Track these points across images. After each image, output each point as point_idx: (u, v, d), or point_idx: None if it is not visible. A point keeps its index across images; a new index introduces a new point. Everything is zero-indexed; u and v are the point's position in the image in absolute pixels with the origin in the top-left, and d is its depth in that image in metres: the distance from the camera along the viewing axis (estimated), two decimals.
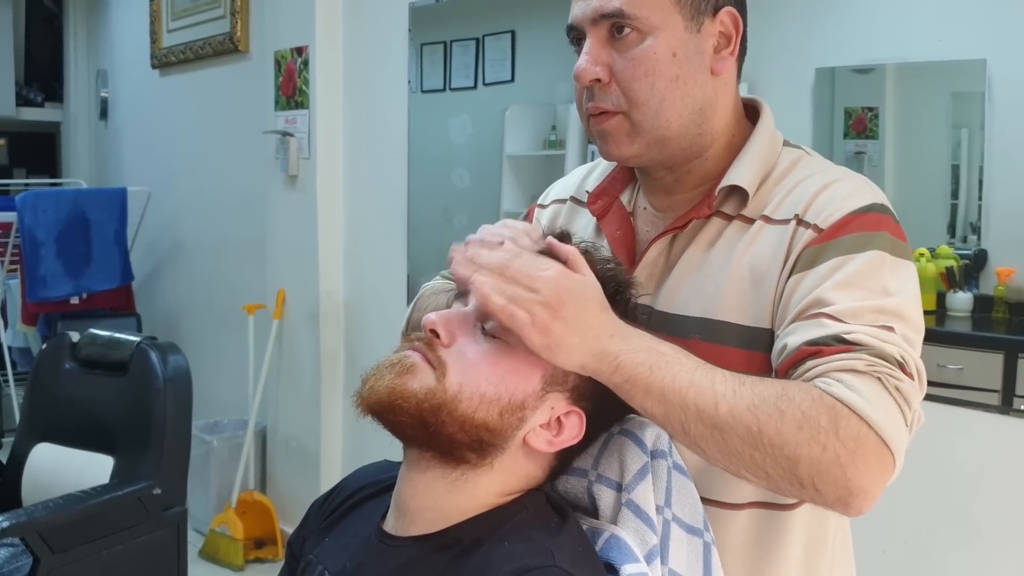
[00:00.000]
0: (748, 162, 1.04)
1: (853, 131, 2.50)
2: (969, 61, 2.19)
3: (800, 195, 1.01)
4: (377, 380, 0.89)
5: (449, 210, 3.32)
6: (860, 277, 0.93)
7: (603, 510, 0.95)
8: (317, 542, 1.02)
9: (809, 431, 0.84)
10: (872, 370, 0.87)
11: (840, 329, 0.89)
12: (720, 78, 1.03)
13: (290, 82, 3.52)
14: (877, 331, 0.89)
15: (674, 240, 1.06)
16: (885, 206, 1.00)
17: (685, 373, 0.88)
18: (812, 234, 0.97)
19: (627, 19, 0.99)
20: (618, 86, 1.01)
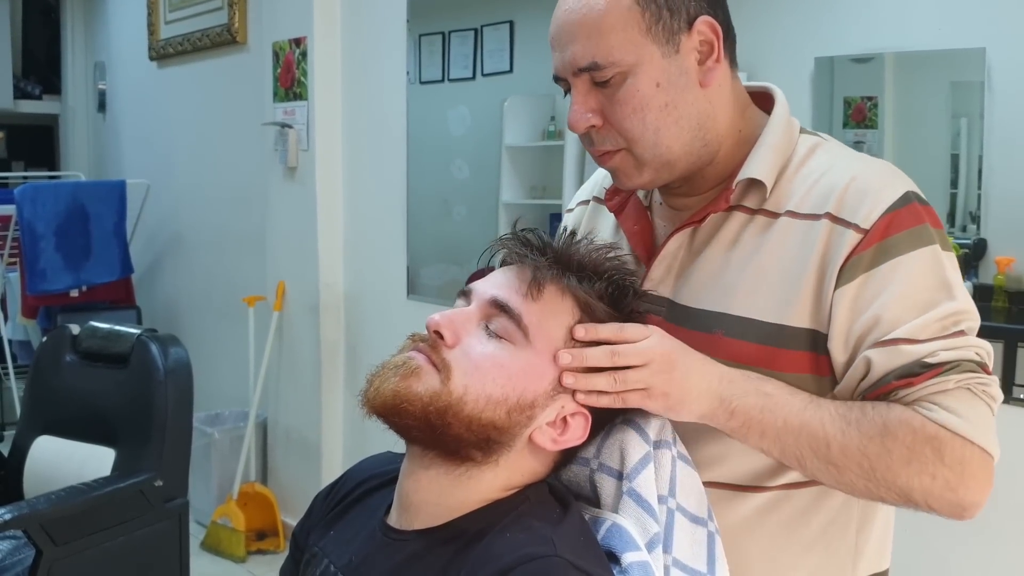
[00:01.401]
0: (764, 154, 1.03)
1: (852, 121, 2.50)
2: (968, 50, 2.19)
3: (827, 188, 0.99)
4: (382, 382, 0.89)
5: (448, 201, 3.31)
6: (920, 283, 0.94)
7: (604, 499, 0.95)
8: (322, 534, 1.02)
9: (917, 464, 0.91)
10: (962, 385, 0.92)
11: (921, 353, 0.92)
12: (711, 88, 1.02)
13: (288, 73, 3.51)
14: (952, 341, 0.92)
15: (695, 234, 1.05)
16: (917, 193, 0.99)
17: (795, 415, 0.93)
18: (855, 235, 0.95)
19: (601, 68, 0.98)
20: (612, 127, 1.01)
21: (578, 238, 0.96)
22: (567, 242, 0.95)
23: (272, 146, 3.59)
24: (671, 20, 0.98)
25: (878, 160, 1.04)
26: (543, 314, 0.91)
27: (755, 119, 1.07)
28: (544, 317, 0.90)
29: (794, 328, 0.98)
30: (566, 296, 0.92)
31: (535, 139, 3.09)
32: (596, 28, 0.97)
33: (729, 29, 1.04)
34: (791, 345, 0.98)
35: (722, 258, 1.03)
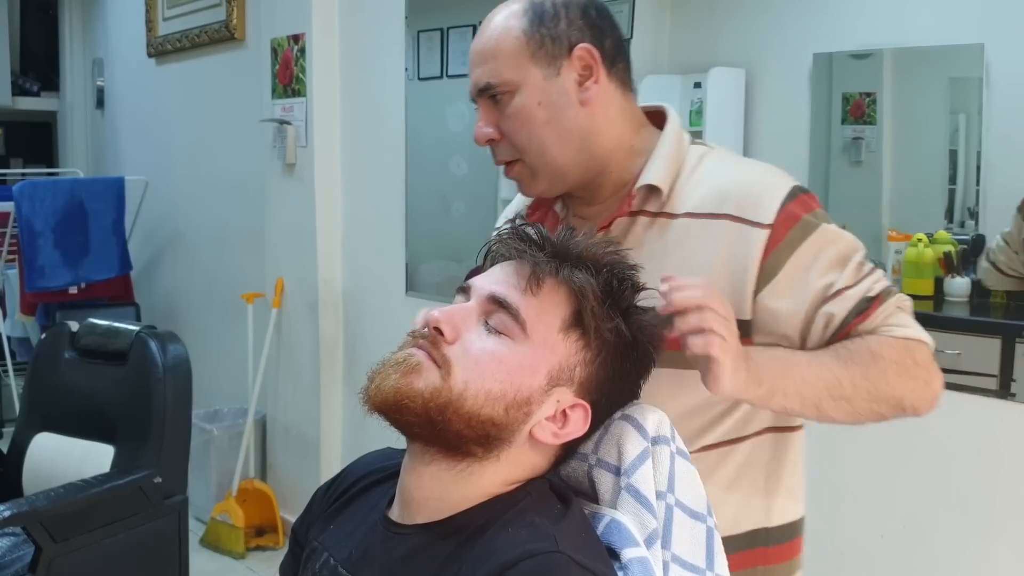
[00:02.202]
0: (658, 163, 1.16)
1: (851, 117, 2.50)
2: (967, 46, 2.19)
3: (722, 190, 1.13)
4: (383, 379, 0.89)
5: (447, 198, 3.31)
6: (831, 251, 1.12)
7: (603, 494, 0.95)
8: (322, 529, 1.02)
9: (906, 373, 1.09)
10: (895, 305, 1.11)
11: (863, 291, 1.10)
12: (592, 106, 1.16)
13: (287, 70, 3.51)
14: (873, 277, 1.12)
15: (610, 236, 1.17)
16: (800, 186, 1.16)
17: (806, 369, 1.08)
18: (762, 232, 1.10)
19: (495, 88, 1.15)
20: (507, 140, 1.17)
21: (576, 232, 0.96)
22: (566, 236, 0.95)
23: (270, 143, 3.59)
24: (553, 47, 1.14)
25: (765, 164, 1.20)
26: (541, 308, 0.91)
27: (648, 134, 1.21)
28: (542, 311, 0.91)
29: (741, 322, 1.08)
30: (562, 289, 0.92)
31: None
32: (493, 53, 1.15)
33: (618, 56, 1.18)
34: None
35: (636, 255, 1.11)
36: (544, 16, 1.14)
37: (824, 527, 2.13)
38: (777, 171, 1.17)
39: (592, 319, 0.91)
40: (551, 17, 1.14)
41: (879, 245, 2.40)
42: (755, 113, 2.60)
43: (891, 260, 2.33)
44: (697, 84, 2.65)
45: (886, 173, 2.48)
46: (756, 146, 2.59)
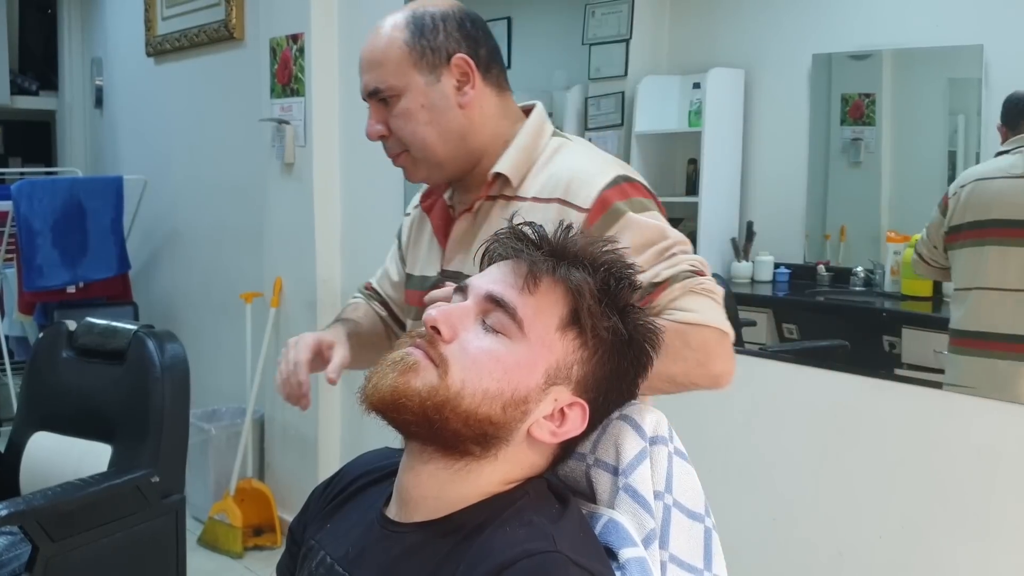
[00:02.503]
0: (511, 154, 1.32)
1: (850, 117, 2.50)
2: (966, 47, 2.19)
3: (559, 178, 1.27)
4: (380, 378, 0.90)
5: None
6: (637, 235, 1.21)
7: (600, 494, 0.95)
8: (319, 528, 1.02)
9: (673, 355, 1.12)
10: (686, 289, 1.19)
11: (649, 276, 1.18)
12: (469, 108, 1.31)
13: (285, 70, 3.50)
14: (668, 262, 1.20)
15: (475, 220, 1.35)
16: (627, 175, 1.27)
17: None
18: (579, 214, 1.23)
19: (383, 92, 1.32)
20: (395, 136, 1.34)
21: (573, 232, 0.96)
22: (563, 235, 0.95)
23: (269, 142, 3.59)
24: (433, 57, 1.30)
25: (606, 156, 1.33)
26: (538, 307, 0.91)
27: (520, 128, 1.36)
28: (539, 310, 0.91)
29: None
30: (559, 287, 0.92)
31: None
32: (380, 61, 1.32)
33: (492, 62, 1.34)
34: None
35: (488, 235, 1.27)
36: (424, 29, 1.30)
37: (822, 528, 2.13)
38: (613, 163, 1.30)
39: (589, 318, 0.90)
40: (431, 30, 1.30)
41: (878, 246, 2.40)
42: (754, 114, 2.60)
43: (890, 261, 2.33)
44: (696, 84, 2.66)
45: (885, 174, 2.48)
46: (755, 146, 2.60)
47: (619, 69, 2.81)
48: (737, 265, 2.64)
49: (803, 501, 2.17)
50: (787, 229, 2.63)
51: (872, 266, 2.41)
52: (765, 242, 2.60)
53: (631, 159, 2.81)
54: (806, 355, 2.30)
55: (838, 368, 2.14)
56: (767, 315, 2.54)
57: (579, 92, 2.91)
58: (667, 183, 2.84)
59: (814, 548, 2.16)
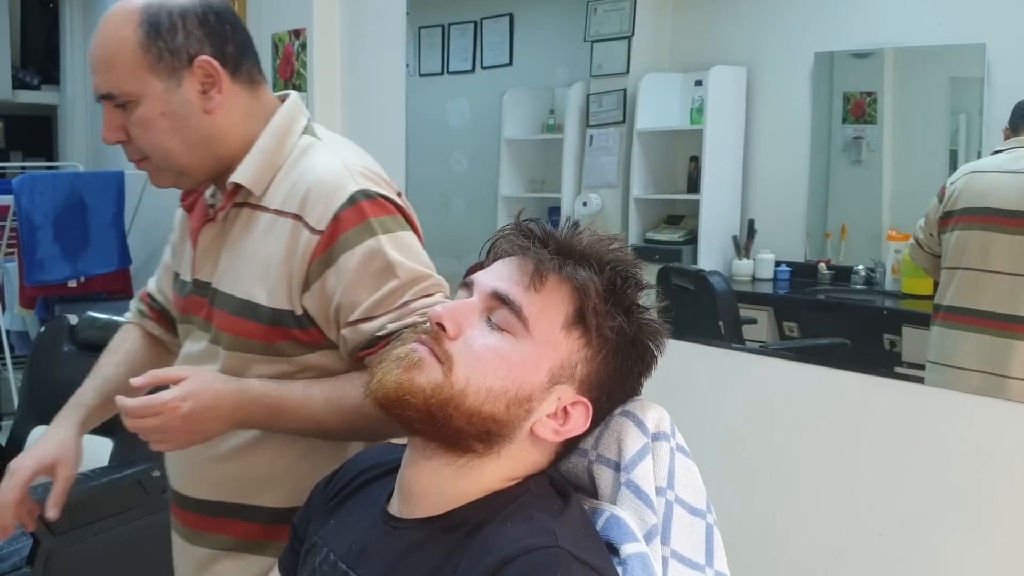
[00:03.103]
0: (250, 162, 1.22)
1: (852, 116, 2.50)
2: (968, 45, 2.19)
3: (299, 189, 1.19)
4: (385, 374, 0.90)
5: (447, 194, 3.31)
6: (365, 271, 1.16)
7: (602, 490, 0.95)
8: (321, 524, 1.02)
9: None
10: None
11: (374, 329, 1.15)
12: (216, 113, 1.21)
13: (288, 65, 3.50)
14: (397, 313, 1.16)
15: (224, 227, 1.26)
16: (365, 191, 1.19)
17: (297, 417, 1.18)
18: (312, 237, 1.17)
19: (116, 97, 1.18)
20: (134, 143, 1.22)
21: (580, 229, 0.96)
22: (570, 233, 0.95)
23: None
24: (172, 59, 1.17)
25: (351, 159, 1.23)
26: (543, 306, 0.91)
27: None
28: (544, 309, 0.91)
29: (288, 311, 1.19)
30: (565, 286, 0.92)
31: (534, 132, 3.10)
32: (110, 64, 1.18)
33: (242, 58, 1.23)
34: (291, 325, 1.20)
35: (238, 248, 1.24)
36: (161, 28, 1.16)
37: (822, 526, 2.14)
38: (356, 171, 1.20)
39: (594, 317, 0.90)
40: (167, 29, 1.17)
41: (879, 244, 2.40)
42: (756, 111, 2.60)
43: (891, 259, 2.33)
44: (698, 82, 2.66)
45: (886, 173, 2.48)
46: (757, 144, 2.60)
47: (621, 66, 2.81)
48: (738, 263, 2.65)
49: (803, 498, 2.18)
50: (788, 227, 2.63)
51: (873, 264, 2.42)
52: (766, 240, 2.60)
53: (633, 156, 2.81)
54: (807, 353, 2.30)
55: (839, 366, 2.14)
56: (768, 313, 2.54)
57: (581, 89, 2.92)
58: (668, 180, 2.85)
59: (814, 545, 2.16)
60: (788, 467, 2.20)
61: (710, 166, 2.67)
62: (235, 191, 1.23)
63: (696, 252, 2.69)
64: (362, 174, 1.21)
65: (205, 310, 1.27)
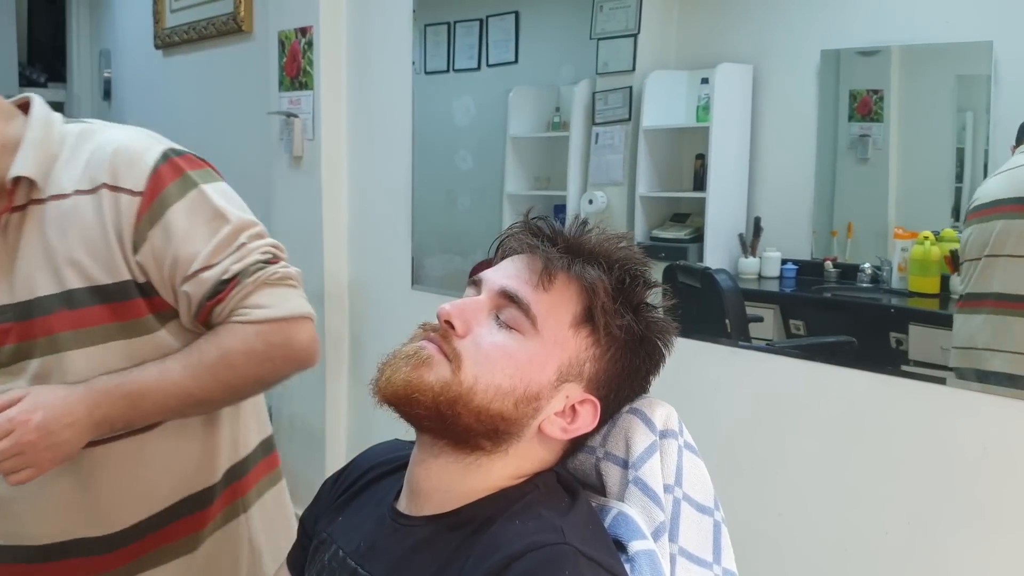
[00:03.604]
0: (25, 154, 1.16)
1: (858, 114, 2.50)
2: (975, 43, 2.19)
3: (97, 162, 1.16)
4: (393, 371, 0.90)
5: (452, 192, 3.32)
6: (196, 220, 1.15)
7: (610, 487, 0.96)
8: (330, 520, 1.03)
9: (257, 360, 1.16)
10: (258, 283, 1.16)
11: (217, 274, 1.14)
12: None
13: (294, 63, 3.51)
14: (237, 255, 1.15)
15: (7, 238, 1.18)
16: (174, 148, 1.20)
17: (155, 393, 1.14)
18: (132, 199, 1.14)
19: None
20: None
21: (588, 227, 0.96)
22: (578, 231, 0.95)
23: (277, 135, 3.59)
24: None
25: (135, 128, 1.23)
26: (552, 304, 0.91)
27: (19, 125, 1.19)
28: (553, 307, 0.91)
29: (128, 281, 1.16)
30: (573, 285, 0.92)
31: (540, 130, 3.10)
32: None
33: None
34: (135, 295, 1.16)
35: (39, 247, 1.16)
36: None
37: (828, 524, 2.14)
38: (151, 136, 1.21)
39: (603, 316, 0.91)
40: None
41: (885, 242, 2.40)
42: (762, 109, 2.60)
43: (897, 258, 2.32)
44: (704, 80, 2.65)
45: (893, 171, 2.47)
46: (763, 142, 2.60)
47: (627, 64, 2.81)
48: (744, 261, 2.64)
49: (810, 496, 2.18)
50: (794, 225, 2.62)
51: (879, 263, 2.41)
52: (772, 238, 2.60)
53: (638, 154, 2.81)
54: (813, 351, 2.30)
55: (845, 364, 2.14)
56: (774, 311, 2.54)
57: (586, 87, 2.91)
58: (674, 178, 2.84)
59: (820, 543, 2.16)
60: (795, 465, 2.20)
61: (716, 164, 2.67)
62: (14, 189, 1.16)
63: (702, 250, 2.69)
64: (164, 139, 1.22)
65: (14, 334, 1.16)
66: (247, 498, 1.35)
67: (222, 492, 1.30)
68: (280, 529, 1.40)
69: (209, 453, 1.28)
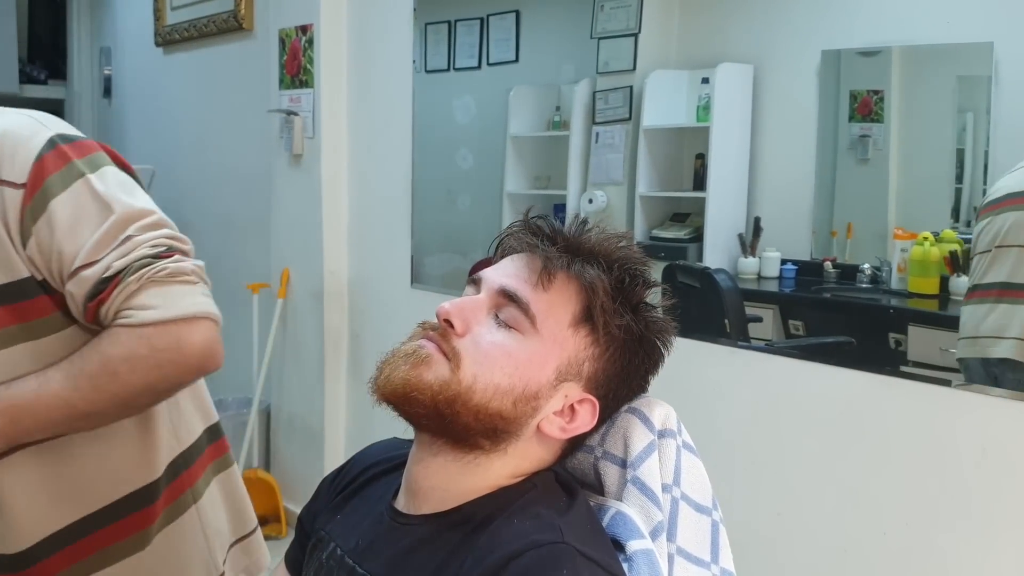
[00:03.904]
0: None
1: (858, 114, 2.50)
2: (976, 44, 2.19)
3: None
4: (392, 370, 0.90)
5: (452, 191, 3.32)
6: (81, 213, 1.05)
7: (608, 486, 0.96)
8: (328, 519, 1.03)
9: (143, 366, 1.04)
10: (144, 281, 1.04)
11: (98, 272, 1.03)
12: None
13: (294, 61, 3.51)
14: (121, 249, 1.04)
15: None
16: (63, 134, 1.09)
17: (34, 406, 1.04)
18: (15, 191, 1.04)
19: None
20: None
21: (588, 227, 0.96)
22: (578, 230, 0.95)
23: (277, 133, 3.59)
24: None
25: (25, 113, 1.12)
26: (551, 303, 0.91)
27: None
28: (552, 306, 0.91)
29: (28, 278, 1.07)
30: (573, 284, 0.92)
31: (540, 129, 3.10)
32: None
33: None
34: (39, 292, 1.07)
35: None
36: None
37: (827, 524, 2.14)
38: (39, 122, 1.10)
39: (602, 315, 0.91)
40: None
41: (885, 243, 2.40)
42: (762, 109, 2.60)
43: (896, 258, 2.33)
44: (705, 79, 2.65)
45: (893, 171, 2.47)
46: (763, 142, 2.60)
47: (627, 63, 2.81)
48: (744, 261, 2.64)
49: (808, 497, 2.18)
50: (794, 225, 2.62)
51: (879, 263, 2.41)
52: (772, 238, 2.60)
53: (638, 154, 2.81)
54: (812, 351, 2.30)
55: (844, 365, 2.14)
56: (773, 311, 2.54)
57: (587, 86, 2.91)
58: (675, 178, 2.84)
59: (819, 544, 2.16)
60: (793, 465, 2.20)
61: (716, 164, 2.67)
62: None
63: (702, 250, 2.69)
64: (53, 121, 1.12)
65: None
66: (196, 488, 1.27)
67: (167, 486, 1.22)
68: (234, 514, 1.35)
69: (148, 449, 1.20)
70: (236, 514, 1.36)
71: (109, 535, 1.17)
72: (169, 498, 1.23)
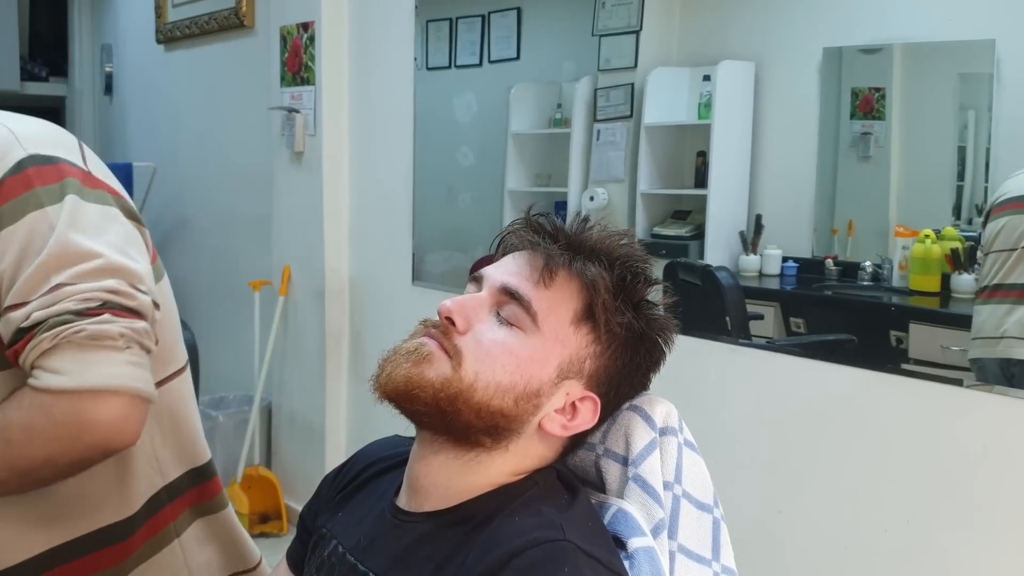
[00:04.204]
0: None
1: (860, 112, 2.50)
2: (978, 41, 2.19)
3: None
4: (394, 368, 0.90)
5: (454, 188, 3.32)
6: (27, 248, 0.94)
7: (610, 484, 0.96)
8: (330, 516, 1.03)
9: (39, 439, 0.91)
10: (59, 340, 0.90)
11: (18, 320, 0.91)
12: None
13: (296, 58, 3.51)
14: (47, 298, 0.91)
15: None
16: (36, 155, 0.98)
17: None
18: None
19: None
20: None
21: (590, 224, 0.96)
22: (580, 228, 0.95)
23: (279, 131, 3.59)
24: None
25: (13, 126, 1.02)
26: (553, 301, 0.91)
27: None
28: (553, 304, 0.91)
29: None
30: (574, 282, 0.92)
31: (541, 127, 3.09)
32: None
33: None
34: None
35: None
36: None
37: (827, 522, 2.14)
38: (23, 137, 1.00)
39: (603, 313, 0.91)
40: None
41: (886, 241, 2.40)
42: (764, 107, 2.60)
43: (898, 256, 2.33)
44: (706, 77, 2.65)
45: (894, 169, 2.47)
46: (764, 140, 2.60)
47: (629, 60, 2.81)
48: (745, 258, 2.64)
49: (809, 494, 2.18)
50: (795, 223, 2.62)
51: (880, 261, 2.41)
52: (773, 236, 2.60)
53: (640, 151, 2.81)
54: (813, 349, 2.30)
55: (845, 362, 2.14)
56: (775, 309, 2.54)
57: (588, 83, 2.91)
58: (676, 176, 2.84)
59: (819, 541, 2.16)
60: (794, 462, 2.21)
61: (717, 161, 2.67)
62: None
63: (703, 247, 2.69)
64: (35, 138, 1.01)
65: None
66: (178, 523, 1.18)
67: (145, 522, 1.13)
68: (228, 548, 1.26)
69: (124, 482, 1.10)
70: (231, 548, 1.27)
71: (83, 567, 1.09)
72: (148, 533, 1.15)
